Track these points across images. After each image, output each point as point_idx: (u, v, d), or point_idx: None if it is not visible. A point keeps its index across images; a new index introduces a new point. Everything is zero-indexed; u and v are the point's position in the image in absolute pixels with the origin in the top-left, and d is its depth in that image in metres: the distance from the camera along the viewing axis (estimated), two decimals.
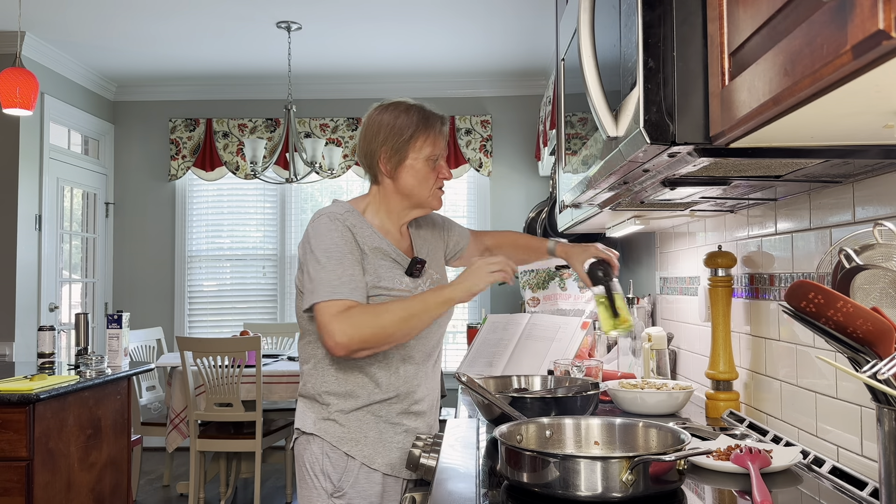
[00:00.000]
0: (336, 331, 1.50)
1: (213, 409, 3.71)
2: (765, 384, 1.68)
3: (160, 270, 5.52)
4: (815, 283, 0.90)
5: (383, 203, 1.72)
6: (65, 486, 2.79)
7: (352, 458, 1.61)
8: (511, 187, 5.46)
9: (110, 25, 4.30)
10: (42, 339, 3.24)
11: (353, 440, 1.62)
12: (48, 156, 4.73)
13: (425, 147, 1.68)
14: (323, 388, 1.65)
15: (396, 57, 4.92)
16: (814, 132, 0.88)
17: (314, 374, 1.66)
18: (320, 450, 1.62)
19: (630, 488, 1.03)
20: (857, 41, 0.56)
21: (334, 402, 1.63)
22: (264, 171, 4.70)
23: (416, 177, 1.68)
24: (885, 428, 0.89)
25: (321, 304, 1.53)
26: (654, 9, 0.99)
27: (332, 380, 1.65)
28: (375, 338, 1.52)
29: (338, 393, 1.63)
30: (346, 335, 1.50)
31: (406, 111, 1.69)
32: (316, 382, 1.65)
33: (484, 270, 1.58)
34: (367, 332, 1.50)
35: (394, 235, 1.72)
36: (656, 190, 1.33)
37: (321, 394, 1.64)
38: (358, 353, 1.53)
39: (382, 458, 1.63)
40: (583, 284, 2.48)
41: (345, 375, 1.64)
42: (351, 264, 1.58)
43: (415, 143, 1.67)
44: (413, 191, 1.69)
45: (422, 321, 1.56)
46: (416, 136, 1.67)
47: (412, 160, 1.67)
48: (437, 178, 1.72)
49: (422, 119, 1.68)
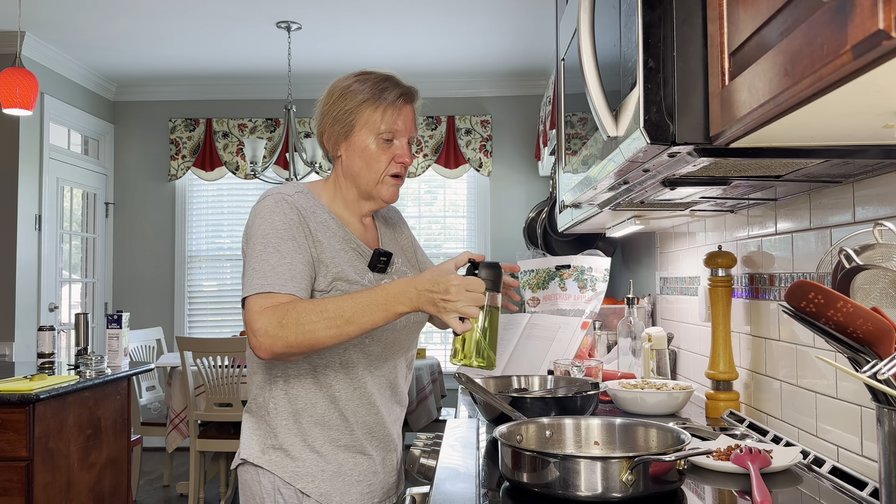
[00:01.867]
0: (259, 329, 1.24)
1: (213, 409, 3.71)
2: (765, 384, 1.68)
3: (160, 270, 5.52)
4: (815, 283, 0.90)
5: (337, 188, 1.48)
6: (65, 486, 2.79)
7: (306, 497, 1.38)
8: (511, 187, 5.46)
9: (110, 25, 4.30)
10: (42, 339, 3.24)
11: (308, 475, 1.38)
12: (48, 156, 4.73)
13: (376, 121, 1.40)
14: (271, 405, 1.40)
15: (396, 57, 4.91)
16: (814, 132, 0.88)
17: (264, 388, 1.41)
18: (272, 485, 1.39)
19: (630, 488, 1.03)
20: (858, 41, 0.56)
21: (283, 426, 1.39)
22: (264, 171, 4.70)
23: (361, 156, 1.42)
24: (885, 428, 0.89)
25: (250, 297, 1.29)
26: (654, 9, 0.99)
27: (281, 396, 1.40)
28: (300, 342, 1.25)
29: (288, 413, 1.39)
30: (268, 335, 1.24)
31: (362, 79, 1.43)
32: (264, 398, 1.41)
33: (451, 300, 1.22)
34: (291, 334, 1.24)
35: (355, 226, 1.48)
36: (656, 190, 1.33)
37: (269, 412, 1.40)
38: (284, 356, 1.28)
39: (341, 495, 1.40)
40: (583, 284, 2.48)
41: (297, 392, 1.39)
42: (290, 252, 1.32)
43: (361, 115, 1.40)
44: (360, 174, 1.43)
45: (359, 326, 1.25)
46: (363, 106, 1.40)
47: (359, 137, 1.41)
48: (390, 162, 1.42)
49: (375, 87, 1.41)
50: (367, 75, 1.45)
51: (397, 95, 1.42)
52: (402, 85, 1.45)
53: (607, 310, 2.73)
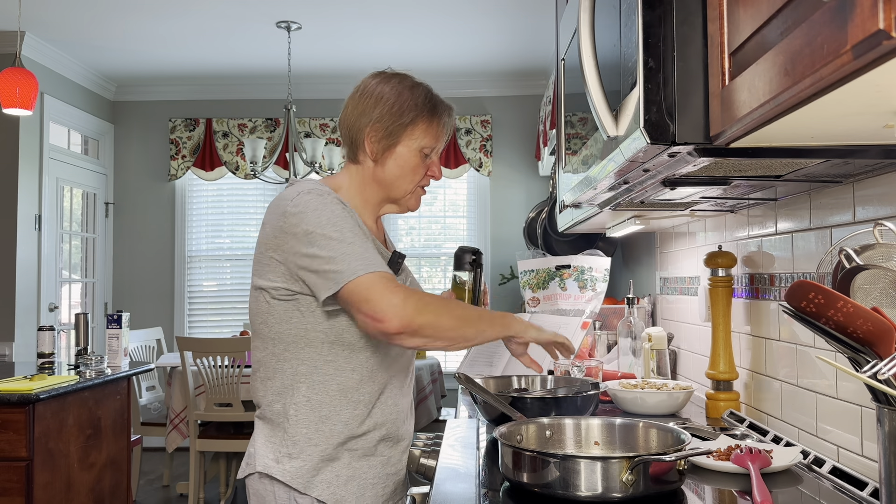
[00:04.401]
0: (397, 302, 1.23)
1: (213, 409, 3.71)
2: (765, 384, 1.68)
3: (160, 270, 5.52)
4: (815, 283, 0.90)
5: (360, 187, 1.46)
6: (64, 487, 2.79)
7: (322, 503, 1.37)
8: (511, 187, 5.46)
9: (110, 25, 4.30)
10: (42, 339, 3.24)
11: (324, 482, 1.36)
12: (48, 156, 4.73)
13: (424, 137, 1.44)
14: (292, 411, 1.36)
15: (396, 56, 4.91)
16: (814, 132, 0.88)
17: (284, 394, 1.37)
18: (287, 496, 1.36)
19: (630, 488, 1.03)
20: (858, 41, 0.56)
21: (302, 434, 1.36)
22: (264, 171, 4.70)
23: (402, 167, 1.43)
24: (885, 428, 0.89)
25: (360, 278, 1.25)
26: (654, 9, 0.99)
27: (303, 402, 1.36)
28: (437, 325, 1.28)
29: (310, 420, 1.36)
30: (411, 306, 1.24)
31: (411, 88, 1.44)
32: (284, 405, 1.36)
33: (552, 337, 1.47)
34: (431, 313, 1.27)
35: (370, 225, 1.48)
36: (656, 190, 1.33)
37: (289, 418, 1.36)
38: (411, 336, 1.27)
39: (356, 499, 1.39)
40: (583, 284, 2.48)
41: (321, 398, 1.36)
42: (363, 238, 1.32)
43: (413, 130, 1.43)
44: (395, 183, 1.44)
45: (480, 332, 1.35)
46: (417, 121, 1.42)
47: (404, 147, 1.43)
48: (424, 176, 1.47)
49: (428, 103, 1.44)
50: (415, 85, 1.46)
51: (447, 114, 1.47)
52: (447, 103, 1.49)
53: (607, 310, 2.73)
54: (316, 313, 1.34)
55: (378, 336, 1.29)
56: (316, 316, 1.34)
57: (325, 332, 1.35)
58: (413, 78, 1.47)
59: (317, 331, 1.35)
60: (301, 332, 1.35)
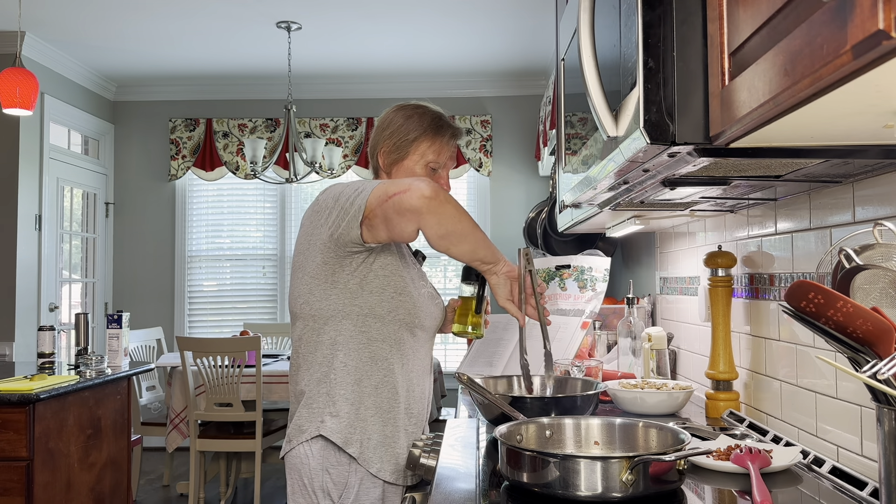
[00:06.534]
0: (424, 185, 1.41)
1: (213, 409, 3.71)
2: (765, 384, 1.68)
3: (160, 270, 5.52)
4: (815, 283, 0.90)
5: None
6: (65, 486, 2.79)
7: (353, 468, 1.51)
8: (511, 187, 5.47)
9: (110, 25, 4.30)
10: (42, 339, 3.25)
11: (357, 441, 1.51)
12: (48, 156, 4.73)
13: (428, 153, 1.66)
14: (332, 375, 1.53)
15: (396, 57, 4.92)
16: (814, 132, 0.88)
17: (329, 359, 1.54)
18: (319, 465, 1.52)
19: (630, 488, 1.03)
20: (857, 41, 0.56)
21: (342, 395, 1.53)
22: (264, 171, 4.71)
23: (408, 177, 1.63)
24: (885, 428, 0.89)
25: (381, 185, 1.45)
26: (654, 9, 0.99)
27: (341, 367, 1.54)
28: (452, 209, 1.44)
29: (350, 382, 1.53)
30: (433, 188, 1.41)
31: (420, 114, 1.67)
32: (328, 368, 1.54)
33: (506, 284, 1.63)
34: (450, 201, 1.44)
35: None
36: (656, 190, 1.33)
37: (332, 381, 1.53)
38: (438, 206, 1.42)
39: (381, 463, 1.53)
40: (583, 284, 2.48)
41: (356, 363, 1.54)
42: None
43: (418, 146, 1.65)
44: None
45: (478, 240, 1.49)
46: (421, 138, 1.65)
47: (411, 162, 1.65)
48: None
49: (433, 124, 1.66)
50: (425, 111, 1.68)
51: (451, 135, 1.69)
52: (453, 126, 1.70)
53: (607, 310, 2.73)
54: (351, 289, 1.53)
55: (411, 203, 1.41)
56: (351, 292, 1.53)
57: (359, 306, 1.54)
58: (428, 106, 1.70)
59: (353, 305, 1.53)
60: (339, 307, 1.53)
